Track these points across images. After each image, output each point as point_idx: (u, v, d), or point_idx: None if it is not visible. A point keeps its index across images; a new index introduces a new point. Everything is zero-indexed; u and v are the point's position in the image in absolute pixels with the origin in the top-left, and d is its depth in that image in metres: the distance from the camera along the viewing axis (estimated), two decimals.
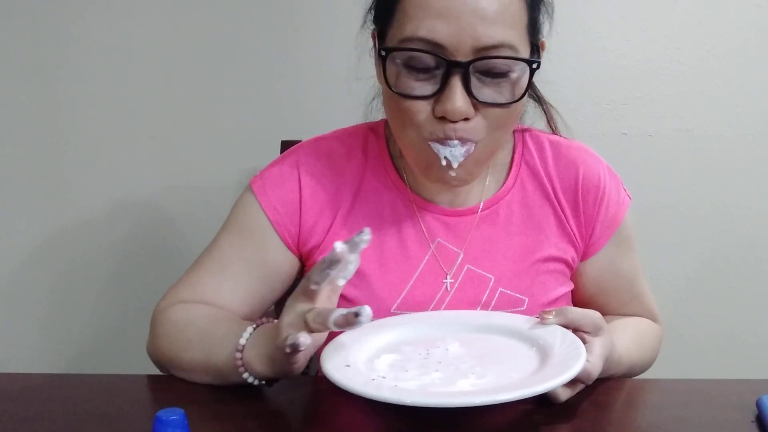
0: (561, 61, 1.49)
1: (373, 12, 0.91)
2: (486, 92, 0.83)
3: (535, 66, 0.84)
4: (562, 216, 0.98)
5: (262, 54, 1.51)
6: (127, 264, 1.59)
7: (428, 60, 0.82)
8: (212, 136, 1.54)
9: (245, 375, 0.80)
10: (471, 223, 0.97)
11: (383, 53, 0.84)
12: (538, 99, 1.01)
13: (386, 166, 0.99)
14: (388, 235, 0.96)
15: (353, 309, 0.69)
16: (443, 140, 0.84)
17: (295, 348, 0.72)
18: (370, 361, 0.80)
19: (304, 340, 0.71)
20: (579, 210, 0.98)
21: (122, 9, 1.50)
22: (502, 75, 0.83)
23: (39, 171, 1.55)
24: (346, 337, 0.84)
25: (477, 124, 0.84)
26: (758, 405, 0.78)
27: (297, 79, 1.52)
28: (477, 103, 0.83)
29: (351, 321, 0.69)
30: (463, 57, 0.80)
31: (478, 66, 0.81)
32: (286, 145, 1.10)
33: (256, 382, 0.81)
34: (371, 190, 0.98)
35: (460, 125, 0.83)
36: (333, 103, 1.49)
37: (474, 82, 0.82)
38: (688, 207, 1.58)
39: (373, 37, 0.91)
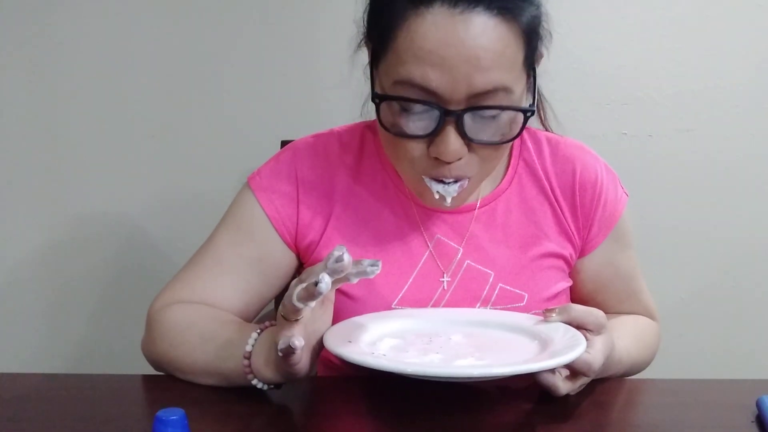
0: (561, 61, 1.49)
1: (365, 27, 0.89)
2: (480, 132, 0.82)
3: (529, 114, 0.83)
4: (560, 213, 0.99)
5: (262, 54, 1.51)
6: (126, 263, 1.59)
7: (422, 105, 0.81)
8: (212, 136, 1.54)
9: (254, 381, 0.80)
10: (469, 220, 0.97)
11: (377, 100, 0.83)
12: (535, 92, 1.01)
13: (383, 163, 0.99)
14: (387, 232, 0.97)
15: (313, 279, 0.68)
16: (437, 178, 0.85)
17: (288, 352, 0.72)
18: (373, 342, 0.81)
19: (299, 342, 0.71)
20: (576, 207, 0.99)
21: (121, 8, 1.50)
22: (496, 116, 0.82)
23: (37, 170, 1.55)
24: (350, 322, 0.85)
25: (470, 161, 0.84)
26: (758, 405, 0.78)
27: (297, 79, 1.52)
28: (471, 143, 0.82)
29: (311, 291, 0.68)
30: (456, 105, 0.79)
31: (472, 110, 0.81)
32: (285, 145, 1.10)
33: (265, 387, 0.81)
34: (368, 187, 0.98)
35: (454, 165, 0.83)
36: (333, 103, 1.49)
37: (468, 124, 0.81)
38: (688, 207, 1.58)
39: (368, 48, 0.90)
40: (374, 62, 0.86)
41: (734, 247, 1.59)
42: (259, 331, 0.81)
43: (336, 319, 0.83)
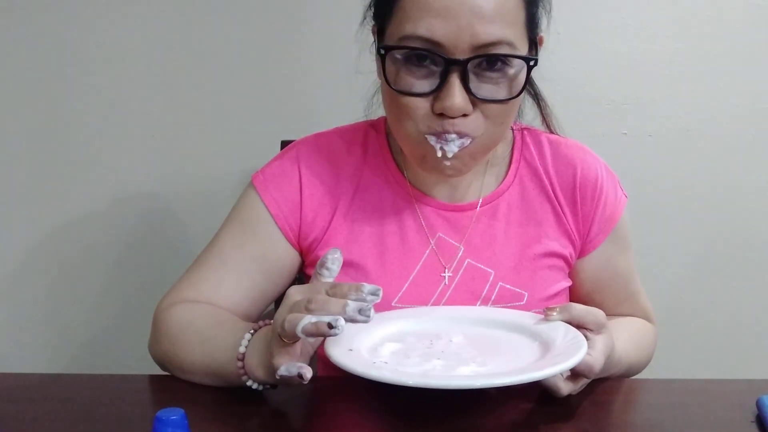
0: (561, 61, 1.49)
1: (372, 8, 0.92)
2: (484, 88, 0.83)
3: (532, 63, 0.85)
4: (561, 213, 0.99)
5: (263, 54, 1.51)
6: (127, 264, 1.59)
7: (427, 58, 0.82)
8: (212, 135, 1.54)
9: (249, 382, 0.80)
10: (470, 218, 0.98)
11: (382, 51, 0.85)
12: (536, 95, 1.02)
13: (386, 162, 0.99)
14: (389, 230, 0.97)
15: (327, 318, 0.69)
16: (440, 134, 0.85)
17: (293, 382, 0.73)
18: (374, 348, 0.80)
19: (309, 374, 0.72)
20: (577, 208, 0.99)
21: (122, 8, 1.50)
22: (500, 71, 0.84)
23: (38, 170, 1.55)
24: (350, 326, 0.84)
25: (475, 120, 0.85)
26: (758, 405, 0.78)
27: (296, 79, 1.52)
28: (475, 100, 0.83)
29: (323, 331, 0.69)
30: (461, 55, 0.81)
31: (476, 63, 0.82)
32: (286, 145, 1.10)
33: (260, 388, 0.81)
34: (371, 184, 0.98)
35: (459, 120, 0.84)
36: (333, 103, 1.49)
37: (472, 78, 0.82)
38: (687, 207, 1.58)
39: (373, 33, 0.92)
40: (380, 37, 0.89)
41: (734, 247, 1.59)
42: (252, 331, 0.81)
43: None
